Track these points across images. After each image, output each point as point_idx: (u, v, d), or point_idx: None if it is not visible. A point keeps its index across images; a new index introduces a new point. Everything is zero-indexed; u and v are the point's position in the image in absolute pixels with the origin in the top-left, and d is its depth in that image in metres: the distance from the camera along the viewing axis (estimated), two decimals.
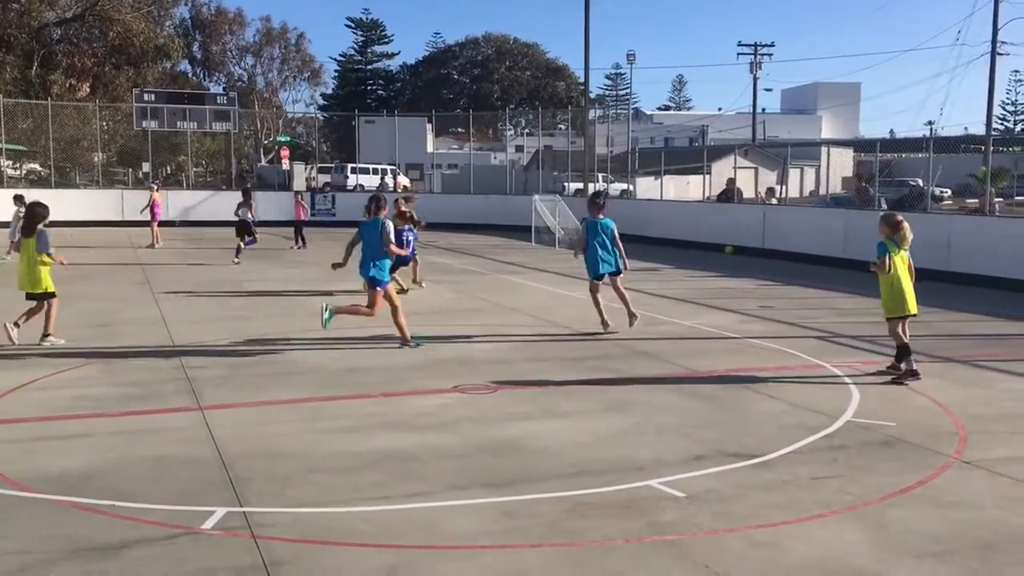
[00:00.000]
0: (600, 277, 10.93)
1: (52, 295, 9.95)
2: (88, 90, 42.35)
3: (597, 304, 10.93)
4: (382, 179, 38.16)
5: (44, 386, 8.06)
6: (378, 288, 9.80)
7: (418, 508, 5.22)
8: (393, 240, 9.95)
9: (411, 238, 13.88)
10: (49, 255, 9.86)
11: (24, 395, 7.72)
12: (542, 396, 7.91)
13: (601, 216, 11.01)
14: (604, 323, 10.86)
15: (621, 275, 11.01)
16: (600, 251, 10.86)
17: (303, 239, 22.93)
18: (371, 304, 9.87)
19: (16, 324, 9.79)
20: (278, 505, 5.24)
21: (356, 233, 10.04)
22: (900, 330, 8.50)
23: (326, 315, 9.67)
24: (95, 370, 8.74)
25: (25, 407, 7.31)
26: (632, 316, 10.92)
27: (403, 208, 13.98)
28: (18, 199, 19.12)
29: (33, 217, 10.06)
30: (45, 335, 9.89)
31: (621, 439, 6.64)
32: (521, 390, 8.12)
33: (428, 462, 6.04)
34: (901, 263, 8.53)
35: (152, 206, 23.86)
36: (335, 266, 10.30)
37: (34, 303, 9.93)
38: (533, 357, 9.63)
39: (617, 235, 10.99)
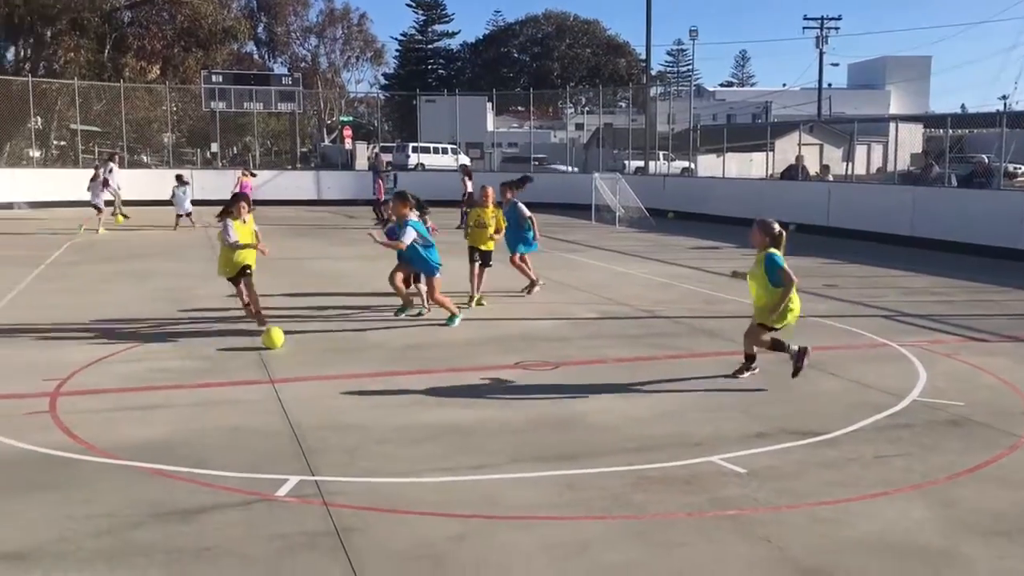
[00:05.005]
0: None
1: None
2: (159, 72, 43.26)
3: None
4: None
5: (125, 359, 8.38)
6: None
7: (482, 480, 5.35)
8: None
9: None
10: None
11: (104, 367, 8.03)
12: (602, 372, 7.97)
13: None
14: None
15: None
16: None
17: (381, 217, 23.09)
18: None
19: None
20: (348, 474, 5.41)
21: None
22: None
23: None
24: (170, 344, 9.06)
25: (106, 378, 7.63)
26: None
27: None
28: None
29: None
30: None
31: (681, 415, 6.68)
32: (581, 366, 8.20)
33: (490, 436, 6.16)
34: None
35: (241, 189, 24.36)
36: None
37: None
38: (593, 334, 9.68)
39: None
